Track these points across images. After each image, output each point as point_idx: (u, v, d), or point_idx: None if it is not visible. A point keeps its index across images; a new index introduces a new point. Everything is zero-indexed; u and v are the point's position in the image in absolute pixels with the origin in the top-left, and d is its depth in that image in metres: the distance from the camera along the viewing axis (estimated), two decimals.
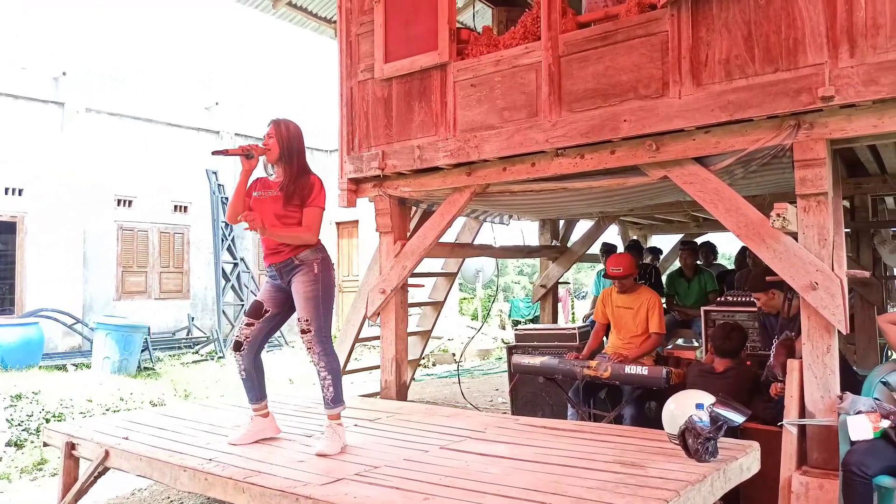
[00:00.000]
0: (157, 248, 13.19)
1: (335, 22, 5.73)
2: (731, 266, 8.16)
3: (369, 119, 5.06)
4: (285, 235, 3.40)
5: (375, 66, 4.93)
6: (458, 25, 4.79)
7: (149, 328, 10.56)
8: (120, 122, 12.66)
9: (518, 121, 4.29)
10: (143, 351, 10.16)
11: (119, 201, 12.67)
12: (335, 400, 3.44)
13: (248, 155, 3.40)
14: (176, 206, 13.49)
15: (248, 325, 3.55)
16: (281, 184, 3.45)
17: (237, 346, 3.54)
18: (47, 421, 6.58)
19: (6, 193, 11.21)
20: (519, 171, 4.41)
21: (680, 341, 7.01)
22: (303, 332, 3.38)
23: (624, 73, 3.86)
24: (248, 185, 3.52)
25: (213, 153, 3.54)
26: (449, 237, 6.17)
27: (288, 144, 3.47)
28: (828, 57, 3.25)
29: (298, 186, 3.42)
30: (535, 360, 4.87)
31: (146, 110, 13.00)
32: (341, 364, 5.91)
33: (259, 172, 3.56)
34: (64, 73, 11.96)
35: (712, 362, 4.37)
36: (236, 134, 14.47)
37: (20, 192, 11.36)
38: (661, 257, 8.68)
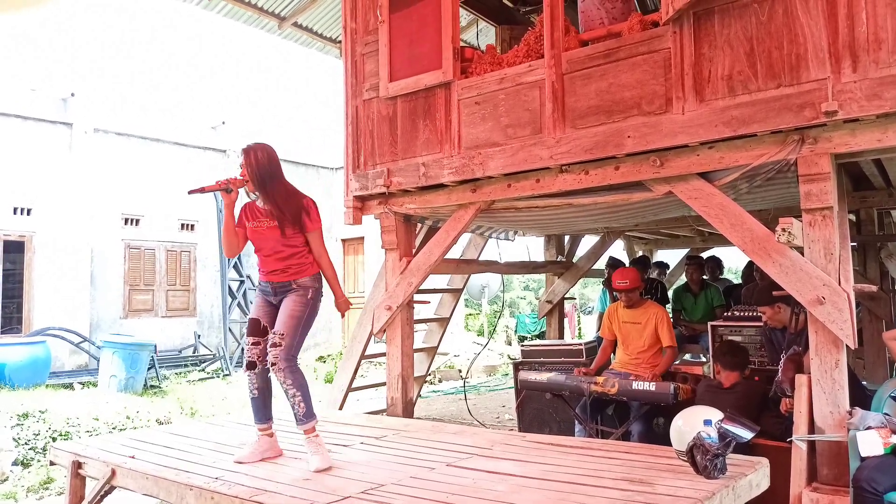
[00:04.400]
0: (163, 267, 13.25)
1: (340, 42, 5.79)
2: (737, 280, 8.12)
3: (374, 137, 5.09)
4: (338, 284, 3.63)
5: (380, 84, 4.97)
6: (461, 44, 4.84)
7: (155, 346, 10.56)
8: (127, 142, 12.78)
9: (522, 138, 4.31)
10: (149, 369, 10.16)
11: (126, 220, 12.75)
12: (307, 415, 3.45)
13: (226, 189, 3.43)
14: (183, 225, 13.56)
15: (255, 343, 3.55)
16: (271, 212, 3.43)
17: (251, 366, 3.53)
18: (54, 440, 6.58)
19: (15, 213, 11.30)
20: (524, 188, 4.42)
21: (687, 356, 6.96)
22: (273, 345, 3.38)
23: (627, 89, 3.88)
24: (236, 215, 3.55)
25: (190, 192, 3.54)
26: (454, 253, 6.18)
27: (259, 171, 3.40)
28: (830, 72, 3.26)
29: (290, 211, 3.41)
30: (542, 377, 4.85)
31: (153, 130, 13.12)
32: (347, 381, 5.90)
33: (242, 199, 3.56)
34: (72, 94, 12.10)
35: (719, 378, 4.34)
36: None
37: (28, 211, 11.45)
38: (668, 272, 8.66)
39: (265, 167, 3.42)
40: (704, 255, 8.30)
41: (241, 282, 13.83)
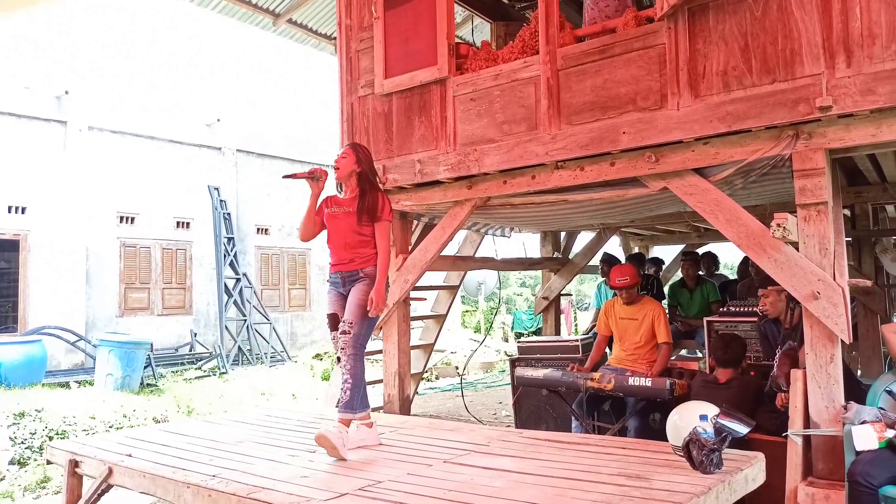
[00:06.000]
0: (159, 265, 13.21)
1: (335, 38, 5.78)
2: (733, 276, 8.14)
3: (370, 134, 5.08)
4: (383, 280, 3.66)
5: (375, 81, 4.96)
6: (456, 40, 4.83)
7: (151, 344, 10.55)
8: (122, 140, 12.72)
9: (518, 134, 4.31)
10: (145, 367, 10.14)
11: (121, 218, 12.70)
12: (348, 405, 3.54)
13: (315, 178, 3.69)
14: (178, 223, 13.52)
15: (336, 337, 3.69)
16: (352, 203, 3.67)
17: (339, 360, 3.71)
18: (50, 438, 6.58)
19: (9, 212, 11.25)
20: (519, 184, 4.42)
21: (683, 352, 6.98)
22: (343, 332, 3.56)
23: (622, 85, 3.89)
24: (318, 204, 3.80)
25: (284, 177, 3.85)
26: (450, 250, 6.18)
27: (367, 165, 3.72)
28: (825, 67, 3.27)
29: (369, 204, 3.65)
30: (539, 373, 4.85)
31: (148, 128, 13.06)
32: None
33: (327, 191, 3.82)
34: (66, 92, 12.04)
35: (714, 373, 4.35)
36: (238, 150, 14.52)
37: (23, 210, 11.40)
38: (664, 268, 8.65)
39: (370, 161, 3.76)
40: (700, 250, 8.31)
41: (238, 279, 13.80)
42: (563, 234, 8.05)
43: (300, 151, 15.34)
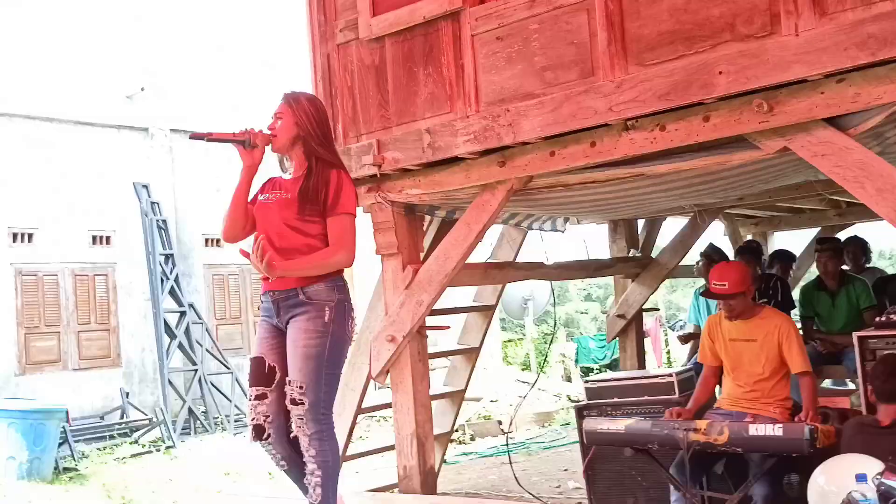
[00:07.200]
0: (71, 298, 13.31)
1: None
2: (893, 269, 8.04)
3: (356, 96, 5.12)
4: (306, 268, 3.33)
5: (360, 21, 5.00)
6: None
7: (67, 412, 10.62)
8: (9, 125, 12.82)
9: (567, 84, 4.32)
10: (60, 445, 10.24)
11: (14, 236, 12.79)
12: None
13: (244, 143, 3.36)
14: (94, 237, 13.60)
15: (258, 397, 3.41)
16: (299, 183, 3.39)
17: (259, 433, 3.42)
18: None
19: None
20: (573, 156, 4.43)
21: (826, 383, 6.92)
22: (293, 402, 3.29)
23: (714, 5, 3.87)
24: (255, 187, 3.51)
25: (193, 136, 3.47)
26: (480, 255, 6.17)
27: (309, 128, 3.41)
28: None
29: (316, 185, 3.34)
30: (618, 425, 4.83)
31: (45, 107, 13.13)
32: (341, 446, 5.91)
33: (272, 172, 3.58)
34: None
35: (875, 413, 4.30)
36: (171, 130, 14.55)
37: None
38: (794, 266, 8.57)
39: (316, 120, 3.45)
40: (841, 235, 8.23)
41: (182, 313, 13.86)
42: (640, 224, 8.04)
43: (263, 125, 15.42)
